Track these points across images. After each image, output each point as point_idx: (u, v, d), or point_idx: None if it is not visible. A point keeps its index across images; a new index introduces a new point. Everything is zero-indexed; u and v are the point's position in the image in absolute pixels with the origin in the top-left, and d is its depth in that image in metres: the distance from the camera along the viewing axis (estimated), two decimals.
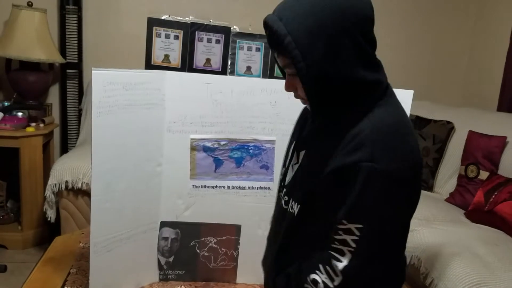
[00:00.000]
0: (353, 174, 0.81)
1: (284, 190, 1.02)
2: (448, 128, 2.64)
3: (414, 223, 1.11)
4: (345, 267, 0.85)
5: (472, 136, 2.41)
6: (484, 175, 2.24)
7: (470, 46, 3.35)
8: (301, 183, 0.95)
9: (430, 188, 2.60)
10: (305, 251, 0.94)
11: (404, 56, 3.33)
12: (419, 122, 2.74)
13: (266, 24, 0.86)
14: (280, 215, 1.01)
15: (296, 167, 0.99)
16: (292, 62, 0.83)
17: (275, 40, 0.84)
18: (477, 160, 2.31)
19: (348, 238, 0.84)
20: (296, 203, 0.93)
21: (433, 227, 1.92)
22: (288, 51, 0.82)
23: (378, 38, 1.01)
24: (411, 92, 1.34)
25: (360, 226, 0.82)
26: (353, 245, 0.84)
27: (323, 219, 0.89)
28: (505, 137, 2.26)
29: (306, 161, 0.96)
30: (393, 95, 0.94)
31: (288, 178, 1.01)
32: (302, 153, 0.98)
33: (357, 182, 0.81)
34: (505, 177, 2.12)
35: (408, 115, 1.01)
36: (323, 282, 0.87)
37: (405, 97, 1.07)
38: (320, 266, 0.88)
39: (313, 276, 0.89)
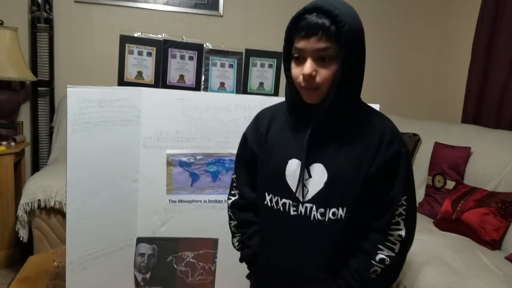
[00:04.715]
0: (397, 160, 1.01)
1: (309, 205, 1.04)
2: (414, 140, 2.71)
3: None
4: (404, 233, 1.02)
5: (438, 147, 2.49)
6: (450, 184, 2.32)
7: (434, 62, 3.47)
8: (341, 189, 1.02)
9: None
10: (355, 246, 1.05)
11: (371, 74, 3.39)
12: None
13: (321, 8, 0.95)
14: (309, 228, 1.04)
15: (314, 180, 1.03)
16: (339, 46, 0.95)
17: (331, 22, 0.94)
18: (443, 171, 2.39)
19: (401, 209, 1.01)
20: (341, 208, 1.01)
21: None
22: (344, 35, 0.94)
23: None
24: (377, 106, 1.41)
25: (405, 197, 1.02)
26: (404, 213, 1.02)
27: (368, 211, 1.03)
28: (469, 148, 2.34)
29: (333, 170, 1.02)
30: None
31: (306, 194, 1.04)
32: (314, 167, 1.03)
33: (401, 164, 1.01)
34: (470, 186, 2.20)
35: None
36: (388, 256, 1.02)
37: None
38: (380, 245, 1.02)
39: (378, 256, 1.02)
